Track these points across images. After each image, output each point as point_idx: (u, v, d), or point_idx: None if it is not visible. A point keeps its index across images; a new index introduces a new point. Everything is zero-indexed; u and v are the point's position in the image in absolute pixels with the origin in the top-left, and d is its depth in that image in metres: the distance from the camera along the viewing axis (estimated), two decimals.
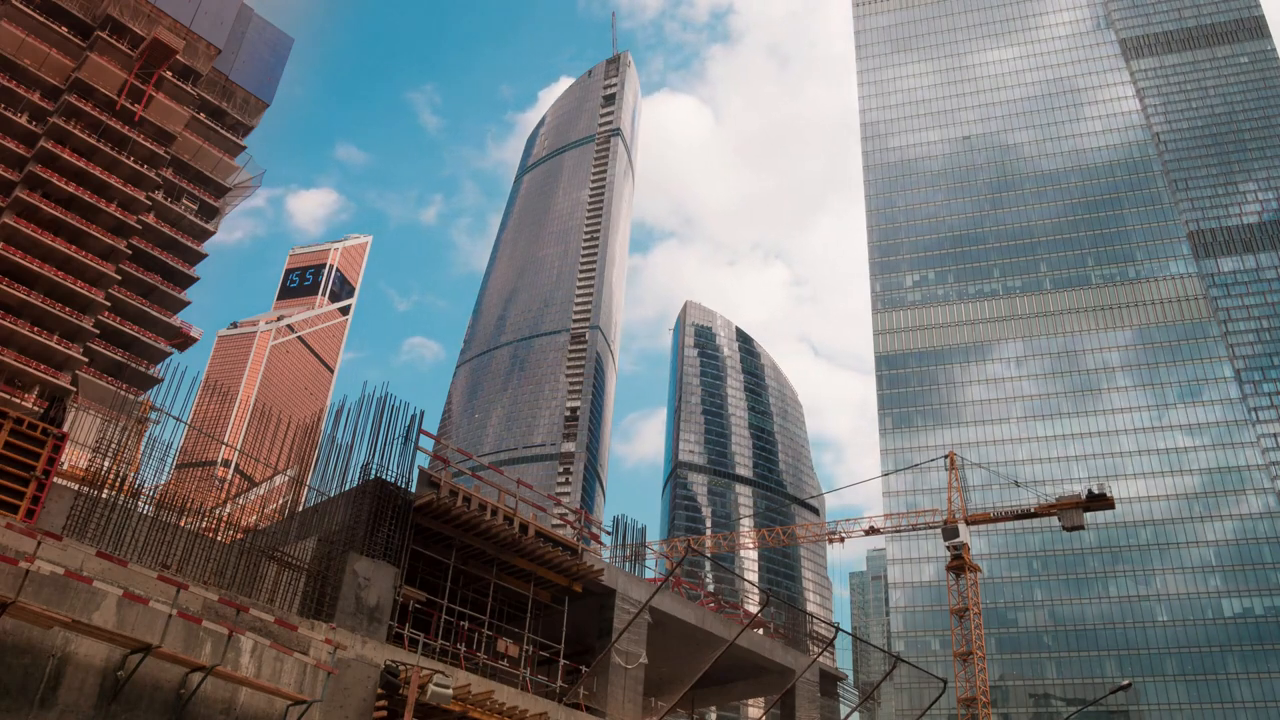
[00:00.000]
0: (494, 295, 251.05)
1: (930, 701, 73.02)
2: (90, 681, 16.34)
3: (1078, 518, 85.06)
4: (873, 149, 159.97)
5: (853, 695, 52.05)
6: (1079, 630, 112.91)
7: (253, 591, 20.68)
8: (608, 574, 29.73)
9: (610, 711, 28.06)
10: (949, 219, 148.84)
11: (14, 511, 16.86)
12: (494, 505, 25.79)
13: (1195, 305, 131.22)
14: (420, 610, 25.36)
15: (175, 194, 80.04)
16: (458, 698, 21.60)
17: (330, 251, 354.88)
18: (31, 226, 68.90)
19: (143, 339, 74.75)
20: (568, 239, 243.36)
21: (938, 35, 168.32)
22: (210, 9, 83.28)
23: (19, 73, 72.45)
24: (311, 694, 19.29)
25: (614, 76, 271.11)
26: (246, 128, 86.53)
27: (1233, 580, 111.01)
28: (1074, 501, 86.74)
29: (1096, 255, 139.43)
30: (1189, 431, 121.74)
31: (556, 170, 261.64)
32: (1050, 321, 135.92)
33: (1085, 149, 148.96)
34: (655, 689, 38.13)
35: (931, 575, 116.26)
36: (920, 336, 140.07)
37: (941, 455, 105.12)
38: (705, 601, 44.32)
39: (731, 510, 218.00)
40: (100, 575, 16.66)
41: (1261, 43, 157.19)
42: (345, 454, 24.31)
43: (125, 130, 74.85)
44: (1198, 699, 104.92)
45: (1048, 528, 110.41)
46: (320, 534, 23.50)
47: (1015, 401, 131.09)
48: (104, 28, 75.89)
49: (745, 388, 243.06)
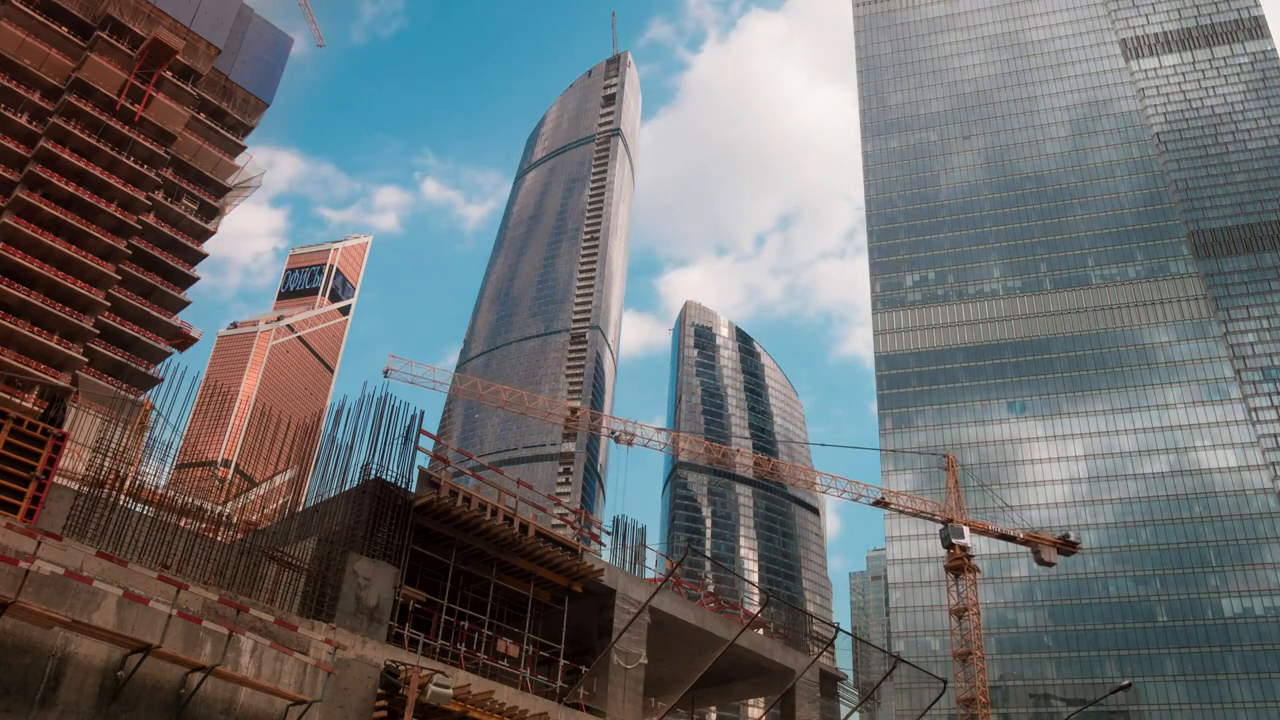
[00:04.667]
0: (494, 295, 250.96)
1: (930, 702, 73.08)
2: (90, 681, 16.34)
3: (1051, 554, 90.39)
4: (873, 149, 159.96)
5: (853, 695, 52.03)
6: (1079, 630, 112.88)
7: (253, 591, 20.68)
8: (608, 574, 29.73)
9: (610, 711, 28.05)
10: (949, 219, 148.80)
11: (14, 511, 16.85)
12: (494, 505, 25.80)
13: (1195, 305, 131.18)
14: (420, 610, 25.35)
15: (175, 194, 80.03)
16: (458, 698, 21.59)
17: (330, 251, 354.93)
18: (31, 226, 68.90)
19: (143, 339, 74.74)
20: (567, 239, 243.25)
21: (938, 35, 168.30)
22: (210, 9, 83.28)
23: (19, 73, 72.45)
24: (311, 694, 19.29)
25: (614, 76, 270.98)
26: (246, 128, 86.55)
27: (1233, 580, 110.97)
28: (1050, 540, 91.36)
29: (1096, 255, 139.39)
30: (1189, 431, 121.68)
31: (557, 170, 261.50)
32: (1050, 321, 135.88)
33: (1085, 149, 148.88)
34: (655, 689, 38.11)
35: (931, 575, 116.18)
36: (920, 336, 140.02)
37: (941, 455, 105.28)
38: (705, 601, 44.29)
39: (731, 510, 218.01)
40: (100, 575, 16.66)
41: (1261, 43, 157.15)
42: (345, 454, 24.31)
43: (125, 130, 74.85)
44: (1198, 699, 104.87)
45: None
46: (320, 534, 23.50)
47: (1015, 402, 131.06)
48: (104, 28, 75.90)
49: (745, 388, 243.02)
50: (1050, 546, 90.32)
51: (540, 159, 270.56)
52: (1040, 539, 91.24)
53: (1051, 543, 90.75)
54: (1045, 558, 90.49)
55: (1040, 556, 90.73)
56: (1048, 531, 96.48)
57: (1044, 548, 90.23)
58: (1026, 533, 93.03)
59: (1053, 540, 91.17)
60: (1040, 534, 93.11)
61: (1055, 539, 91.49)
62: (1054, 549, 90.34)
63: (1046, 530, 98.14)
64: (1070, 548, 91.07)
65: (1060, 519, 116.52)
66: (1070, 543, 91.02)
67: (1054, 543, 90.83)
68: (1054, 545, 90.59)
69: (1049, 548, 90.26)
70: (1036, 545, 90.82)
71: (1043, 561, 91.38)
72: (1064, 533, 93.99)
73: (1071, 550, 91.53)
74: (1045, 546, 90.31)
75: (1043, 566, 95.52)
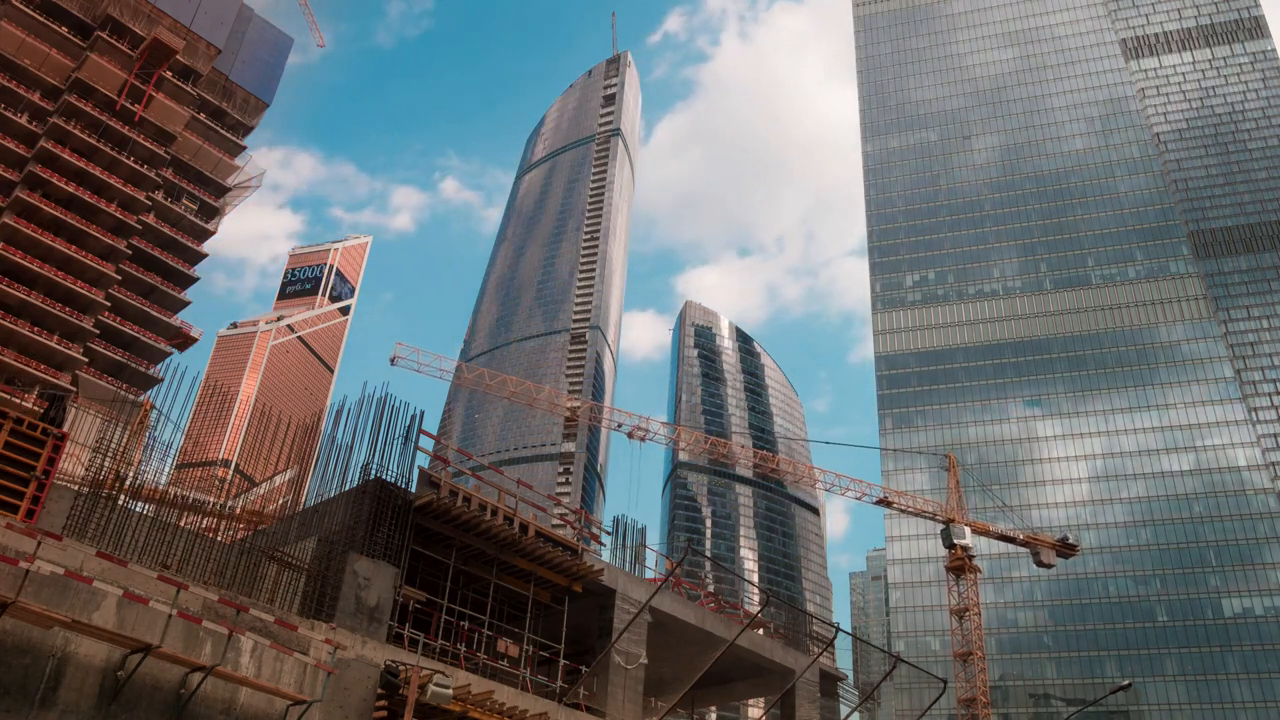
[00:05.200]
0: (494, 295, 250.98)
1: (930, 702, 73.06)
2: (90, 681, 16.34)
3: (1050, 556, 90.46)
4: (873, 149, 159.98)
5: (853, 695, 52.03)
6: (1079, 630, 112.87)
7: (253, 591, 20.68)
8: (608, 574, 29.73)
9: (610, 711, 28.05)
10: (949, 219, 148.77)
11: (14, 511, 16.85)
12: (494, 505, 25.80)
13: (1196, 305, 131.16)
14: (420, 610, 25.35)
15: (175, 194, 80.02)
16: (458, 698, 21.59)
17: (330, 251, 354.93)
18: (31, 226, 68.89)
19: (143, 339, 74.73)
20: (567, 239, 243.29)
21: (938, 35, 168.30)
22: (210, 9, 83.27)
23: (19, 73, 72.44)
24: (311, 694, 19.29)
25: (614, 76, 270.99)
26: (246, 128, 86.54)
27: (1233, 580, 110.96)
28: (1049, 541, 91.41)
29: (1096, 255, 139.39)
30: (1189, 432, 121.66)
31: (557, 170, 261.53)
32: (1050, 321, 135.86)
33: (1086, 149, 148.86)
34: (655, 689, 38.11)
35: (932, 575, 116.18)
36: (920, 336, 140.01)
37: (941, 455, 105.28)
38: (705, 601, 44.27)
39: (731, 510, 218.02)
40: (100, 575, 16.66)
41: (1261, 43, 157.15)
42: (345, 454, 24.31)
43: (125, 130, 74.84)
44: (1198, 699, 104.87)
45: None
46: (320, 534, 23.50)
47: (1015, 401, 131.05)
48: (104, 28, 75.88)
49: (745, 388, 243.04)
50: (1049, 548, 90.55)
51: (540, 159, 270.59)
52: (1039, 540, 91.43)
53: (1050, 544, 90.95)
54: (1044, 559, 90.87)
55: (1039, 558, 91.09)
56: (1047, 532, 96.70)
57: (1043, 549, 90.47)
58: (1026, 534, 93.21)
59: (1052, 542, 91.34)
60: (1039, 535, 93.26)
61: (1054, 541, 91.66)
62: (1053, 551, 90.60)
63: (1046, 531, 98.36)
64: (1069, 550, 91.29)
65: (1060, 519, 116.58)
66: (1069, 545, 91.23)
67: (1053, 544, 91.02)
68: (1053, 547, 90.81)
69: (1048, 549, 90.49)
70: (1036, 547, 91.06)
71: (1041, 563, 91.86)
72: (1063, 534, 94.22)
73: (1070, 552, 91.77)
74: (1044, 548, 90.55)
75: (1042, 568, 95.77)
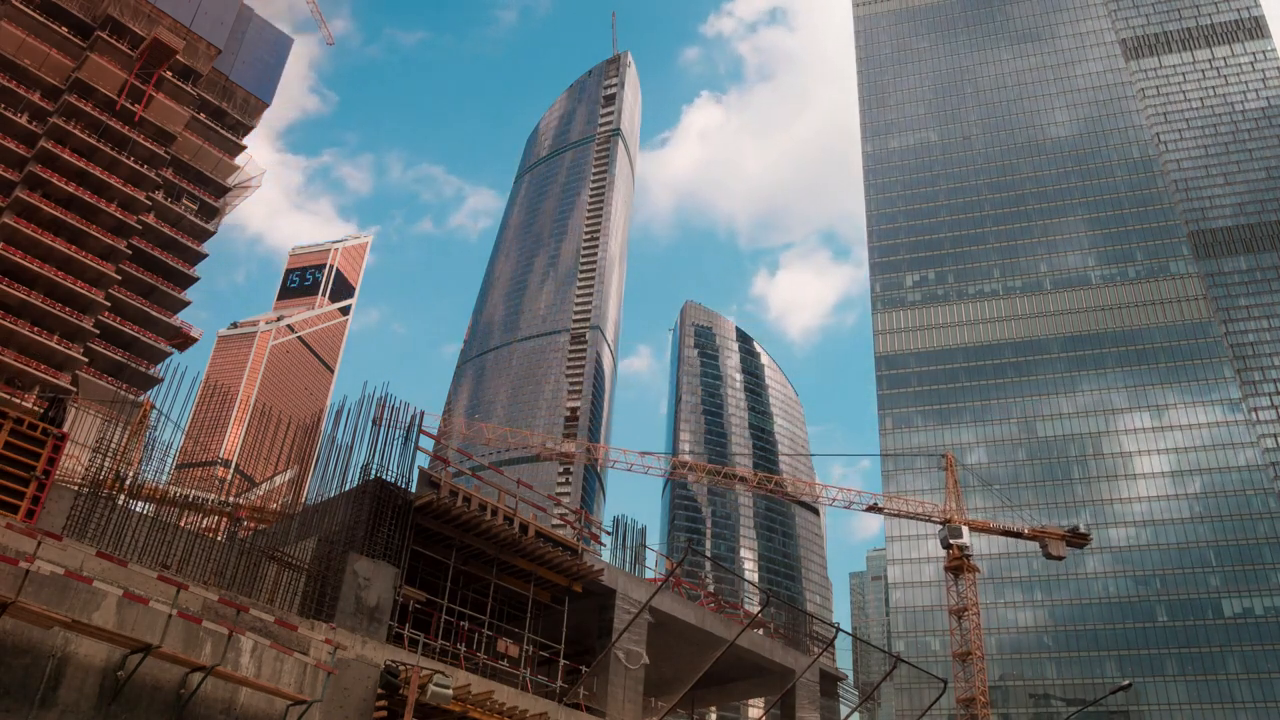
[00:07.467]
0: (494, 295, 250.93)
1: (930, 702, 73.07)
2: (90, 681, 16.33)
3: (1060, 548, 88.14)
4: (873, 149, 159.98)
5: (853, 695, 52.03)
6: (1079, 630, 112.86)
7: (253, 591, 20.68)
8: (608, 574, 29.73)
9: (610, 711, 28.05)
10: (949, 219, 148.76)
11: (14, 511, 16.85)
12: (494, 505, 25.79)
13: (1195, 305, 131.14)
14: (420, 610, 25.35)
15: (175, 194, 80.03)
16: (458, 698, 21.59)
17: (330, 251, 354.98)
18: (31, 226, 68.89)
19: (143, 339, 74.73)
20: (567, 239, 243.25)
21: (938, 35, 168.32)
22: (210, 9, 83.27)
23: (19, 73, 72.43)
24: (311, 694, 19.28)
25: (614, 76, 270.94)
26: (246, 128, 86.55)
27: (1233, 580, 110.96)
28: (1058, 533, 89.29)
29: (1096, 255, 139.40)
30: (1189, 431, 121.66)
31: (556, 170, 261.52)
32: (1050, 321, 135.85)
33: (1086, 149, 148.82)
34: (655, 689, 38.11)
35: (931, 575, 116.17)
36: (920, 336, 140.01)
37: (940, 455, 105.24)
38: (705, 601, 44.27)
39: (731, 510, 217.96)
40: (100, 575, 16.65)
41: (1261, 43, 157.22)
42: (345, 454, 24.32)
43: (125, 130, 74.84)
44: (1198, 699, 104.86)
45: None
46: (320, 534, 23.50)
47: (1015, 402, 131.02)
48: (104, 28, 75.88)
49: (745, 388, 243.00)
50: (1058, 540, 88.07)
51: (540, 159, 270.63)
52: (1047, 533, 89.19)
53: (1059, 536, 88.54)
54: (1053, 551, 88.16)
55: (1048, 551, 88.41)
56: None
57: (1051, 541, 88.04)
58: (1032, 528, 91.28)
59: (1061, 534, 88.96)
60: (1047, 528, 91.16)
61: (1063, 531, 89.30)
62: (1062, 542, 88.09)
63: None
64: (1080, 539, 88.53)
65: (1060, 518, 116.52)
66: (1080, 534, 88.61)
67: (1062, 535, 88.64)
68: (1062, 538, 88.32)
69: (1057, 541, 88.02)
70: (1044, 539, 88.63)
71: (1051, 555, 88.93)
72: (1072, 526, 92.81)
73: (1083, 542, 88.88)
74: (1053, 540, 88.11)
75: (1051, 560, 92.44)
